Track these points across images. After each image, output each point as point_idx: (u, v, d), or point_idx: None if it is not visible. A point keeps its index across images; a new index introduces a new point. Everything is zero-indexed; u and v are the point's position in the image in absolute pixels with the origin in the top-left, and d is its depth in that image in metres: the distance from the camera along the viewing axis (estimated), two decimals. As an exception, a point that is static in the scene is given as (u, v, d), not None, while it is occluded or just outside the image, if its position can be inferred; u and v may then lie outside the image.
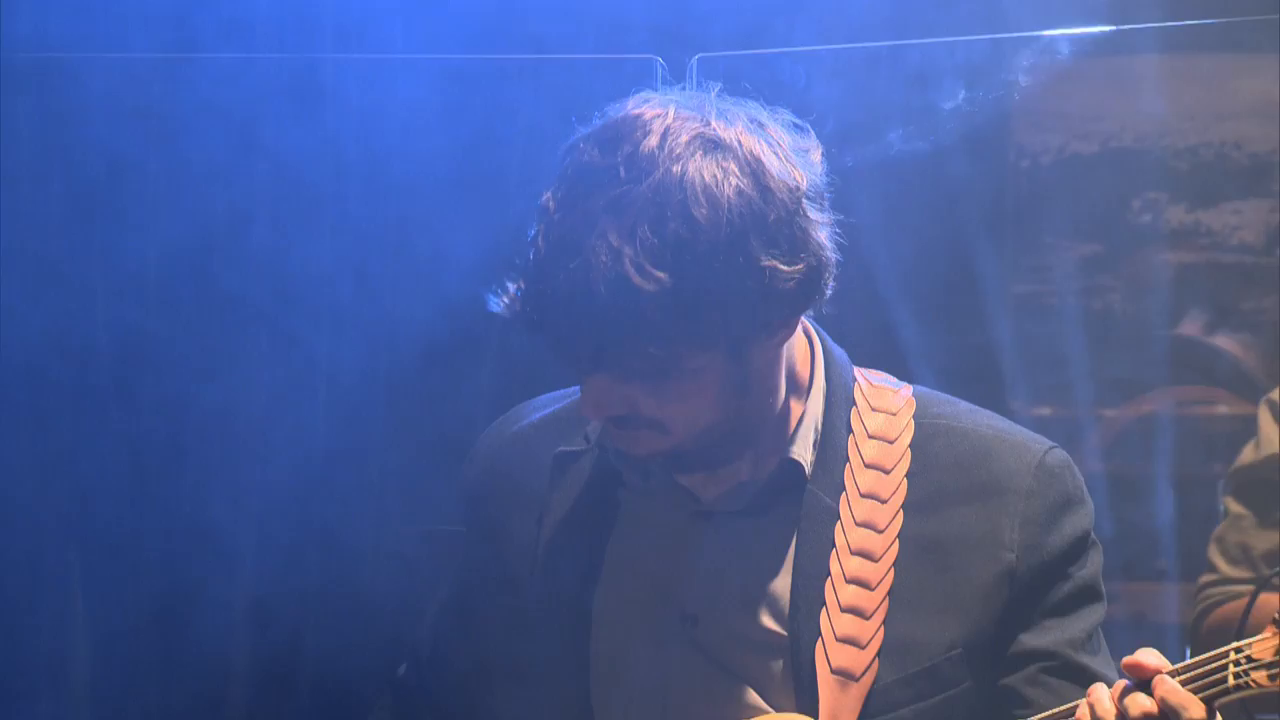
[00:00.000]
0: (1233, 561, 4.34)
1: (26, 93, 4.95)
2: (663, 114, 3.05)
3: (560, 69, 4.45)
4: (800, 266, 3.03)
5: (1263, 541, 4.31)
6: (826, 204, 3.07)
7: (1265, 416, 4.36)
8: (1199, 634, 4.41)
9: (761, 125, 3.07)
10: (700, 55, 4.10)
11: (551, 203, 3.03)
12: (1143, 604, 4.49)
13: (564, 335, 3.01)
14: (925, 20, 4.82)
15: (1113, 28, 4.76)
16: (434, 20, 4.96)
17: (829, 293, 3.08)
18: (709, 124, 3.03)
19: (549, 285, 2.97)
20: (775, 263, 3.01)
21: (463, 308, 4.50)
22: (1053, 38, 4.91)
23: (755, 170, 3.01)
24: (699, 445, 3.10)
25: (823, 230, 3.06)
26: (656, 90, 3.11)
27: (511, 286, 3.05)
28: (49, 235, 4.95)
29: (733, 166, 3.01)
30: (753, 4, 4.75)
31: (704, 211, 2.98)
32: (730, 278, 2.99)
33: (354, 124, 4.94)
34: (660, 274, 2.96)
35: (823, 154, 3.12)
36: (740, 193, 3.00)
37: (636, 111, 3.05)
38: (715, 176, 3.00)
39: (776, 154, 3.05)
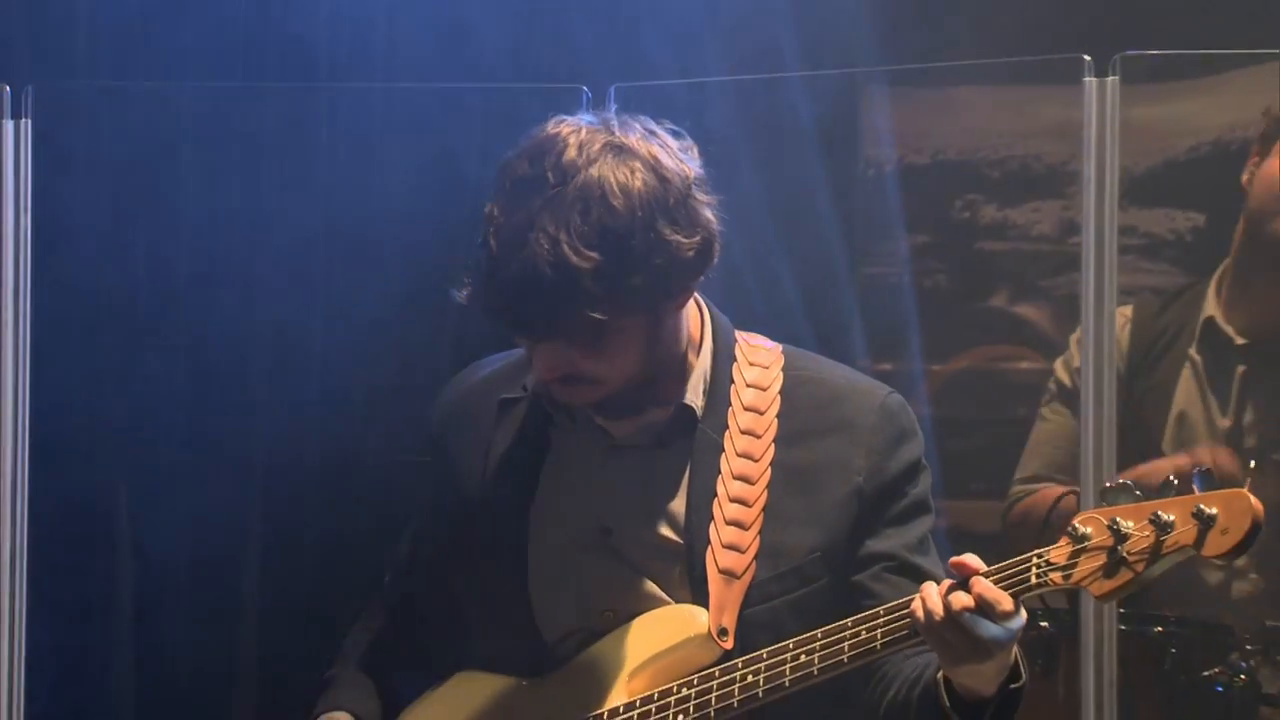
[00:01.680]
0: (1041, 459, 4.36)
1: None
2: (577, 130, 3.08)
3: (504, 96, 4.43)
4: (697, 239, 3.06)
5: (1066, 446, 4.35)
6: (709, 190, 3.10)
7: (1074, 347, 4.38)
8: (1008, 519, 4.49)
9: (653, 132, 3.10)
10: (616, 85, 4.12)
11: (496, 209, 3.05)
12: (963, 517, 4.52)
13: (520, 312, 3.03)
14: (793, 58, 4.84)
15: (940, 64, 4.79)
16: (398, 53, 4.93)
17: (716, 261, 3.09)
18: (614, 134, 3.07)
19: (503, 274, 3.00)
20: (678, 237, 3.04)
21: (425, 296, 4.51)
22: (891, 71, 4.95)
23: (654, 166, 3.04)
24: (623, 393, 3.11)
25: (709, 210, 3.09)
26: (582, 111, 3.15)
27: (469, 281, 3.07)
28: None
29: (637, 165, 3.03)
30: (658, 46, 4.77)
31: (620, 201, 3.00)
32: (645, 252, 3.02)
33: (334, 144, 4.86)
34: (592, 254, 2.98)
35: (706, 160, 3.13)
36: (645, 184, 3.02)
37: (555, 130, 3.08)
38: (625, 174, 3.02)
39: (667, 153, 3.07)
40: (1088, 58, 3.93)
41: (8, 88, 4.25)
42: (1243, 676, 3.86)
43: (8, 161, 4.19)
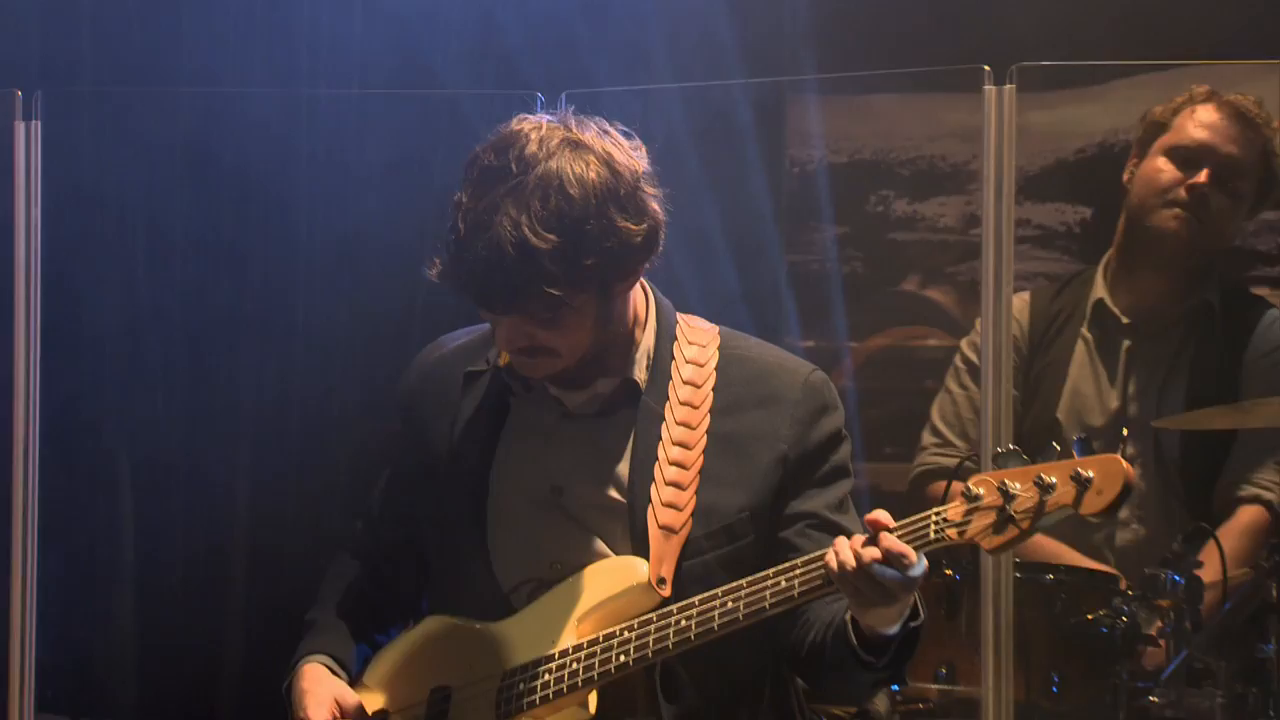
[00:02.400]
0: (948, 425, 4.37)
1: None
2: (538, 126, 3.11)
3: (468, 100, 4.43)
4: (644, 227, 3.10)
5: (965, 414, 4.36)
6: (655, 184, 3.13)
7: (966, 345, 4.39)
8: (919, 481, 4.45)
9: (606, 132, 3.14)
10: (568, 91, 4.14)
11: (464, 197, 3.08)
12: (880, 478, 4.54)
13: (485, 288, 3.06)
14: (727, 67, 4.86)
15: (857, 74, 4.79)
16: (369, 61, 4.91)
17: (661, 248, 3.13)
18: (571, 131, 3.10)
19: (471, 253, 3.04)
20: (627, 224, 3.08)
21: (396, 281, 4.56)
22: (814, 80, 4.97)
23: (607, 161, 3.08)
24: (577, 367, 3.15)
25: (655, 202, 3.12)
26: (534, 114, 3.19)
27: (439, 261, 3.11)
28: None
29: (591, 159, 3.07)
30: (607, 55, 4.76)
31: (576, 190, 3.04)
32: (598, 236, 3.05)
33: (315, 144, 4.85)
34: (550, 236, 3.01)
35: (650, 158, 3.14)
36: (599, 176, 3.06)
37: (518, 127, 3.11)
38: (580, 166, 3.06)
39: (619, 150, 3.11)
40: (987, 68, 3.91)
41: (19, 92, 4.20)
42: (1124, 619, 3.84)
43: (19, 161, 4.17)
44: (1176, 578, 3.85)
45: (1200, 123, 4.25)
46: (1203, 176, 4.24)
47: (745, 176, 4.97)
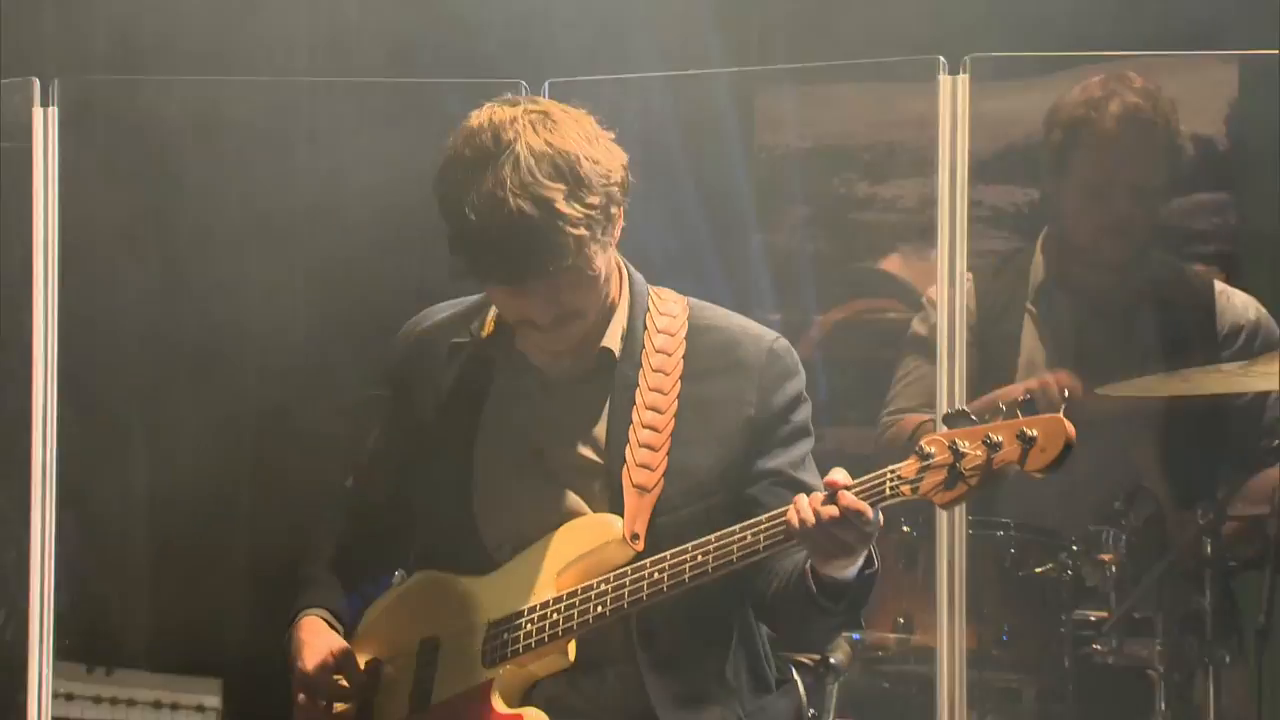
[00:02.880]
0: (908, 397, 4.38)
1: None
2: (493, 110, 3.07)
3: (455, 89, 4.40)
4: (617, 164, 3.07)
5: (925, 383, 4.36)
6: (606, 127, 3.11)
7: (926, 304, 4.39)
8: (880, 442, 4.44)
9: (559, 105, 3.08)
10: (550, 80, 4.14)
11: (460, 192, 3.02)
12: (842, 441, 4.50)
13: (514, 263, 3.02)
14: (704, 57, 4.87)
15: (821, 64, 4.81)
16: (363, 48, 4.92)
17: (628, 194, 3.10)
18: (523, 105, 3.06)
19: (490, 235, 2.99)
20: (607, 161, 3.05)
21: (386, 259, 4.57)
22: (781, 70, 4.98)
23: (566, 115, 3.06)
24: (591, 330, 3.15)
25: (619, 157, 3.09)
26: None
27: (455, 263, 3.04)
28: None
29: (554, 117, 3.05)
30: (588, 45, 4.74)
31: (559, 142, 3.01)
32: (590, 173, 3.02)
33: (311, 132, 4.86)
34: (557, 184, 2.98)
35: (632, 144, 3.12)
36: (567, 130, 3.03)
37: (477, 120, 3.06)
38: (549, 124, 3.04)
39: (574, 114, 3.07)
40: (942, 59, 3.93)
41: (36, 80, 4.16)
42: (1069, 572, 3.86)
43: (37, 144, 4.16)
44: (1117, 535, 3.87)
45: (1106, 147, 4.23)
46: (1121, 205, 4.24)
47: (718, 161, 4.98)
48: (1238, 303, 4.34)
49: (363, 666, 3.23)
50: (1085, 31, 4.71)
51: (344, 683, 3.19)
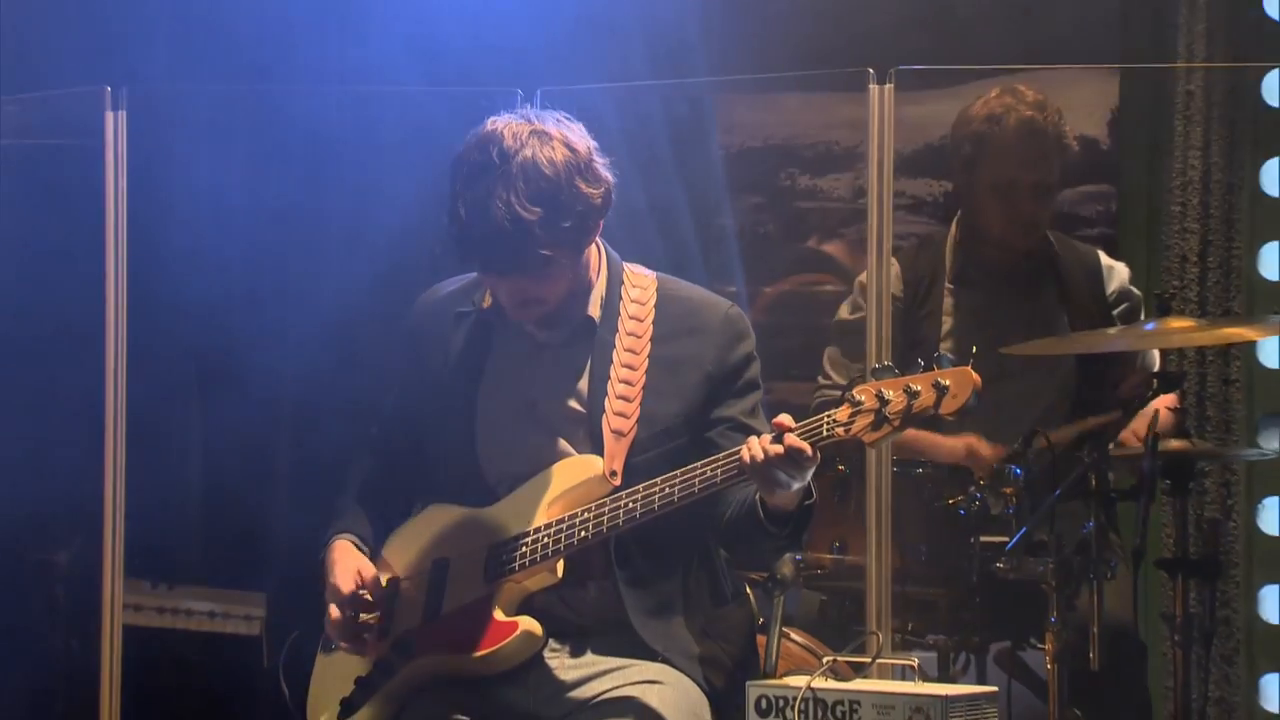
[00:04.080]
0: (835, 369, 4.38)
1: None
2: (508, 124, 3.10)
3: (455, 97, 4.32)
4: (601, 190, 3.11)
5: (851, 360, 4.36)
6: (603, 155, 3.13)
7: (857, 288, 4.39)
8: (810, 411, 4.38)
9: (561, 121, 3.12)
10: (542, 89, 4.13)
11: (460, 189, 3.07)
12: (784, 394, 4.48)
13: (490, 258, 3.08)
14: (682, 68, 4.87)
15: (768, 75, 4.76)
16: (371, 57, 4.78)
17: (612, 204, 3.13)
18: (534, 124, 3.09)
19: (476, 233, 3.04)
20: (589, 190, 3.09)
21: (392, 252, 4.53)
22: (736, 80, 4.97)
23: (566, 142, 3.08)
24: (557, 310, 3.17)
25: (605, 170, 3.13)
26: (514, 109, 3.16)
27: (447, 244, 3.09)
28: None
29: (555, 143, 3.07)
30: (575, 57, 4.73)
31: (549, 170, 3.05)
32: (570, 202, 3.07)
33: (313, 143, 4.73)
34: (536, 209, 3.03)
35: (608, 143, 3.15)
36: (563, 156, 3.07)
37: (492, 127, 3.10)
38: (549, 151, 3.06)
39: (574, 133, 3.11)
40: (871, 70, 3.92)
41: (108, 88, 4.11)
42: (977, 502, 3.83)
43: (109, 145, 4.13)
44: (1017, 470, 3.87)
45: (1008, 155, 4.20)
46: (1025, 203, 4.22)
47: (682, 157, 4.97)
48: (1119, 271, 4.35)
49: (384, 583, 3.24)
50: (990, 48, 4.71)
51: (368, 597, 3.20)
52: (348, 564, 3.23)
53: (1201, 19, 4.57)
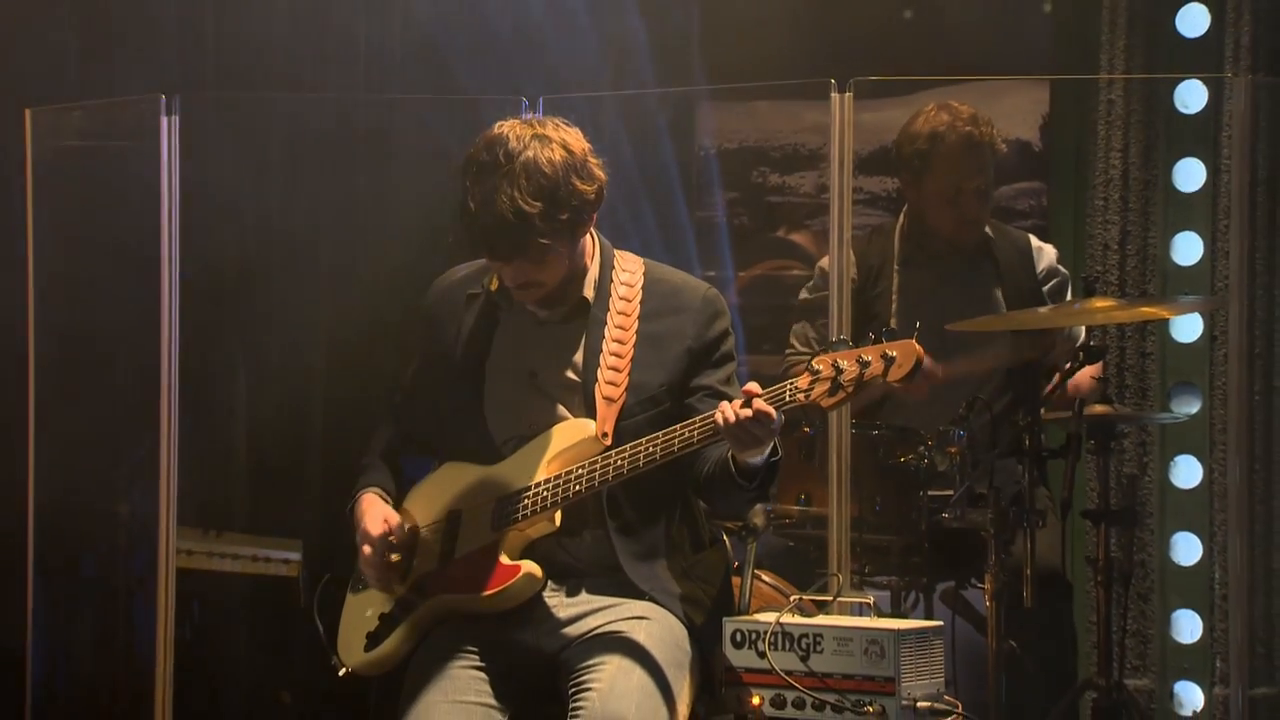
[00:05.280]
0: (801, 344, 4.36)
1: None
2: (513, 127, 3.08)
3: (467, 104, 4.27)
4: (594, 187, 3.09)
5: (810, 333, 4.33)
6: (598, 156, 3.11)
7: (817, 274, 4.37)
8: (779, 380, 4.36)
9: (560, 126, 3.10)
10: (544, 96, 4.10)
11: (469, 183, 3.05)
12: (756, 366, 4.43)
13: (495, 246, 3.06)
14: (665, 78, 4.84)
15: (743, 85, 4.79)
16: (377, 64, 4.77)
17: (604, 200, 3.11)
18: (536, 128, 3.07)
19: (482, 223, 3.03)
20: (584, 187, 3.06)
21: (396, 260, 4.46)
22: (715, 89, 4.96)
23: (564, 145, 3.06)
24: (554, 292, 3.15)
25: (599, 168, 3.10)
26: (517, 114, 3.19)
27: (456, 231, 3.07)
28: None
29: (555, 146, 3.05)
30: (573, 69, 4.68)
31: (548, 169, 3.03)
32: (566, 198, 3.04)
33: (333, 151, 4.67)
34: (536, 203, 3.01)
35: (601, 145, 3.13)
36: (561, 157, 3.04)
37: (499, 130, 3.08)
38: (549, 153, 3.04)
39: (572, 137, 3.08)
40: (833, 80, 3.88)
41: (162, 96, 4.04)
42: (925, 460, 3.83)
43: (164, 147, 4.07)
44: (961, 433, 3.86)
45: (952, 167, 4.17)
46: (967, 206, 4.19)
47: (666, 158, 4.94)
48: (1048, 252, 4.32)
49: (406, 530, 3.23)
50: (938, 60, 4.69)
51: (394, 539, 3.18)
52: (376, 512, 3.21)
53: (1122, 36, 4.59)
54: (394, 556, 3.18)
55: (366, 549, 3.18)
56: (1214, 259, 4.48)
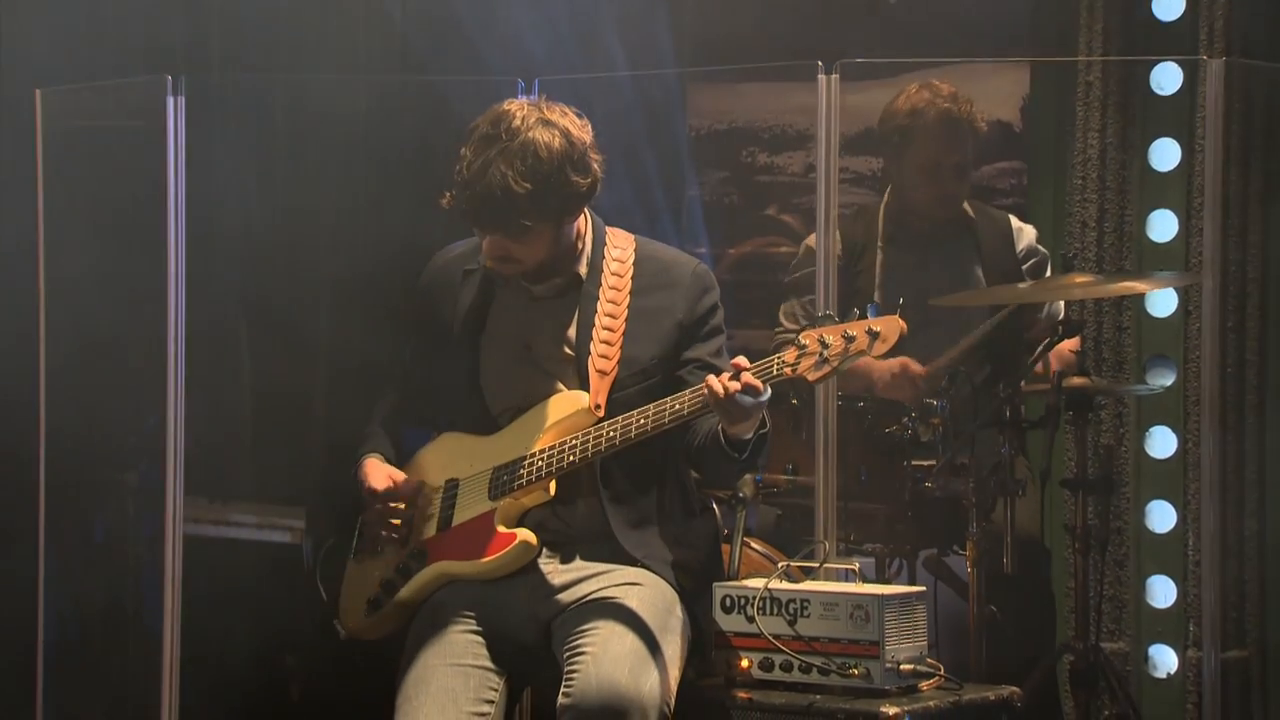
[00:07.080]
0: (789, 319, 4.36)
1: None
2: (521, 107, 3.08)
3: (466, 85, 4.24)
4: (588, 180, 3.08)
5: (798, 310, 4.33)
6: (598, 148, 3.10)
7: (804, 251, 4.36)
8: (769, 353, 4.35)
9: (566, 113, 3.09)
10: (540, 78, 4.08)
11: (468, 152, 3.05)
12: (745, 340, 4.42)
13: (480, 216, 3.05)
14: (649, 62, 4.80)
15: (732, 66, 4.76)
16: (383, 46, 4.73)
17: (598, 193, 3.11)
18: (543, 112, 3.06)
19: (472, 191, 3.03)
20: (577, 179, 3.06)
21: (395, 236, 4.38)
22: (705, 70, 4.92)
23: (566, 134, 3.05)
24: (534, 269, 3.14)
25: (597, 165, 3.09)
26: (516, 96, 3.17)
27: (451, 194, 3.06)
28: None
29: (556, 132, 3.04)
30: (569, 52, 4.65)
31: (545, 154, 3.02)
32: (557, 186, 3.03)
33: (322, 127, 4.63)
34: (526, 185, 3.00)
35: (594, 129, 3.12)
36: (560, 145, 3.04)
37: (507, 107, 3.08)
38: (548, 137, 3.03)
39: (575, 126, 3.07)
40: (820, 63, 3.87)
41: (169, 77, 3.98)
42: (909, 431, 3.81)
43: (170, 127, 4.02)
44: (943, 404, 3.86)
45: (931, 142, 4.16)
46: (948, 182, 4.19)
47: (660, 137, 4.91)
48: (1028, 232, 4.32)
49: (410, 486, 3.23)
50: (922, 42, 4.66)
51: (398, 494, 3.20)
52: (379, 472, 3.23)
53: (1100, 20, 4.55)
54: (400, 505, 3.19)
55: (378, 507, 3.18)
56: (1188, 236, 4.47)
